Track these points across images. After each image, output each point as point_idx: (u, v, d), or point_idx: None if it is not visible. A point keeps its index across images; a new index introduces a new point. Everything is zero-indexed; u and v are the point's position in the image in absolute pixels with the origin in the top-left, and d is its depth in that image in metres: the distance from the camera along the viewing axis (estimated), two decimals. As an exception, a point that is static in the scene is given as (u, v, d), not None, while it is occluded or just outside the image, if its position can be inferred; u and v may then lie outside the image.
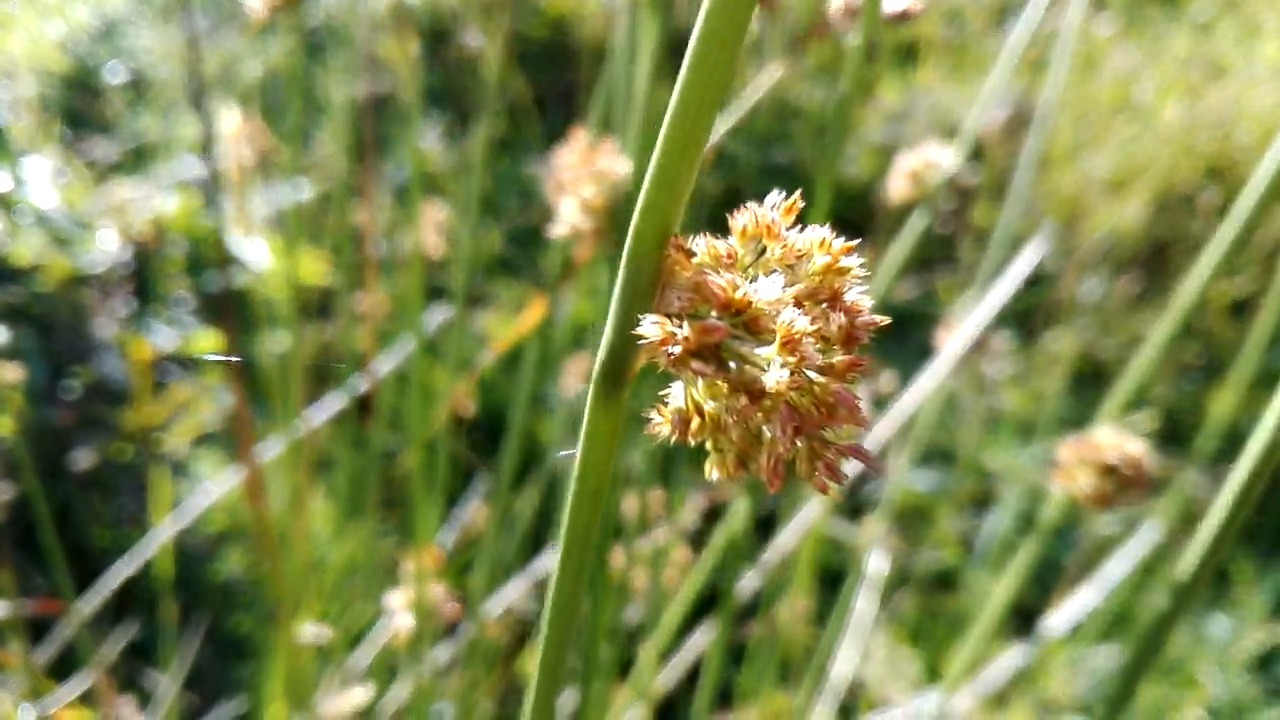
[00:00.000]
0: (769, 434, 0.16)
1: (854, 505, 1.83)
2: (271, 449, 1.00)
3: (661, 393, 0.17)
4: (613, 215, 0.44)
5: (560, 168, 0.46)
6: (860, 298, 0.16)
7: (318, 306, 1.71)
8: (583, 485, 0.18)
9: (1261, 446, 0.36)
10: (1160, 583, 1.67)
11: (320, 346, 1.73)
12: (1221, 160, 2.13)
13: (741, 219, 0.17)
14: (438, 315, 1.22)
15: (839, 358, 0.16)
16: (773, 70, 0.64)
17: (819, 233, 0.16)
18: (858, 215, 2.21)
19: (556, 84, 2.24)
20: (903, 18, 0.46)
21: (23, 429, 1.36)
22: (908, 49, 2.59)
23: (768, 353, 0.15)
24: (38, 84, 2.30)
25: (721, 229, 0.48)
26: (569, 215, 0.43)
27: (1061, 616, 0.81)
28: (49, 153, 1.86)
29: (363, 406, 0.92)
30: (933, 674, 1.60)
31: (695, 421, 0.16)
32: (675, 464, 1.15)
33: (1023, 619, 1.54)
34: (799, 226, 0.17)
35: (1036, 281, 2.14)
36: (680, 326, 0.15)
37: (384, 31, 2.20)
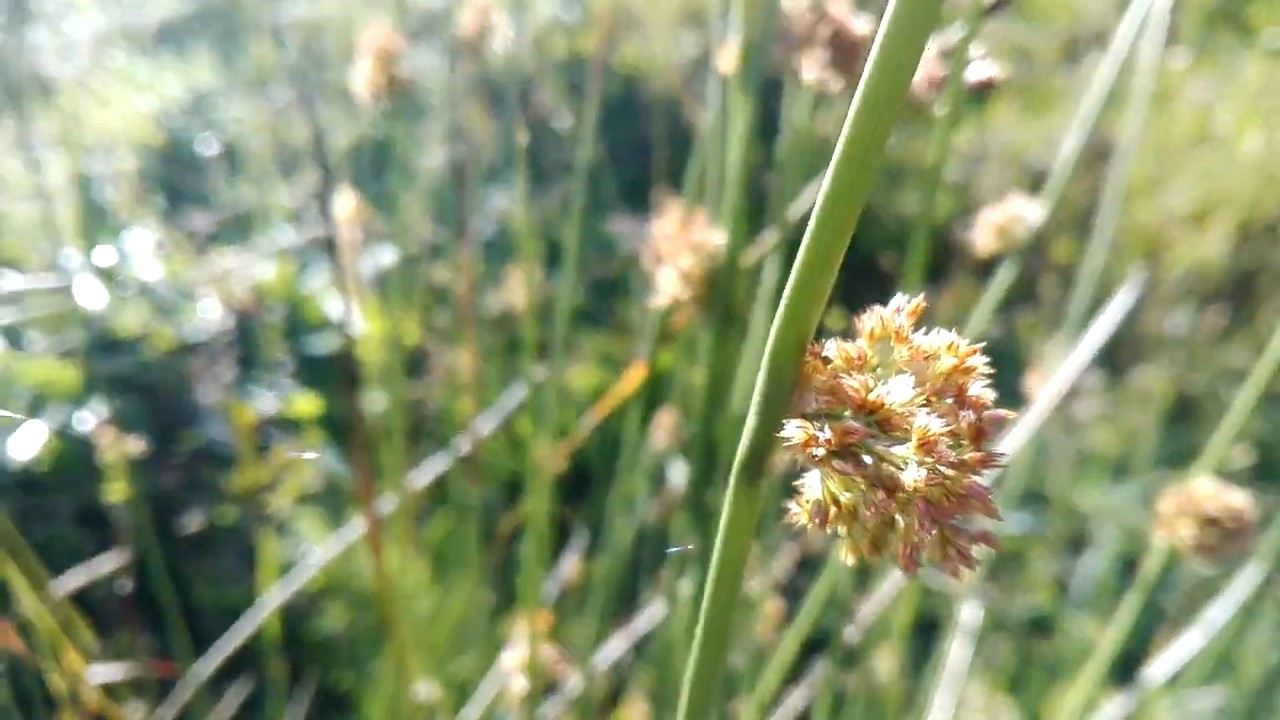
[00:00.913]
0: (903, 523, 0.17)
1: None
2: (381, 507, 1.03)
3: (795, 484, 0.18)
4: (710, 285, 0.45)
5: (657, 238, 0.48)
6: (984, 392, 0.17)
7: (409, 366, 1.75)
8: (724, 566, 0.20)
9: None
10: (1264, 623, 1.62)
11: (414, 405, 1.76)
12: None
13: (869, 322, 0.18)
14: (534, 371, 1.24)
15: (970, 454, 0.17)
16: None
17: (945, 336, 0.17)
18: (934, 255, 2.19)
19: (629, 138, 2.28)
20: (986, 87, 0.47)
21: (132, 495, 1.41)
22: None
23: (903, 451, 0.16)
24: (134, 158, 2.40)
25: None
26: (668, 284, 0.44)
27: (1164, 663, 0.79)
28: (148, 225, 1.94)
29: (465, 464, 0.94)
30: (1031, 721, 1.57)
31: (832, 511, 0.17)
32: (764, 515, 1.15)
33: (1122, 663, 1.50)
34: (923, 328, 0.18)
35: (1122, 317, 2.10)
36: (822, 429, 0.17)
37: (466, 98, 2.25)
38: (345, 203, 0.93)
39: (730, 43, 0.42)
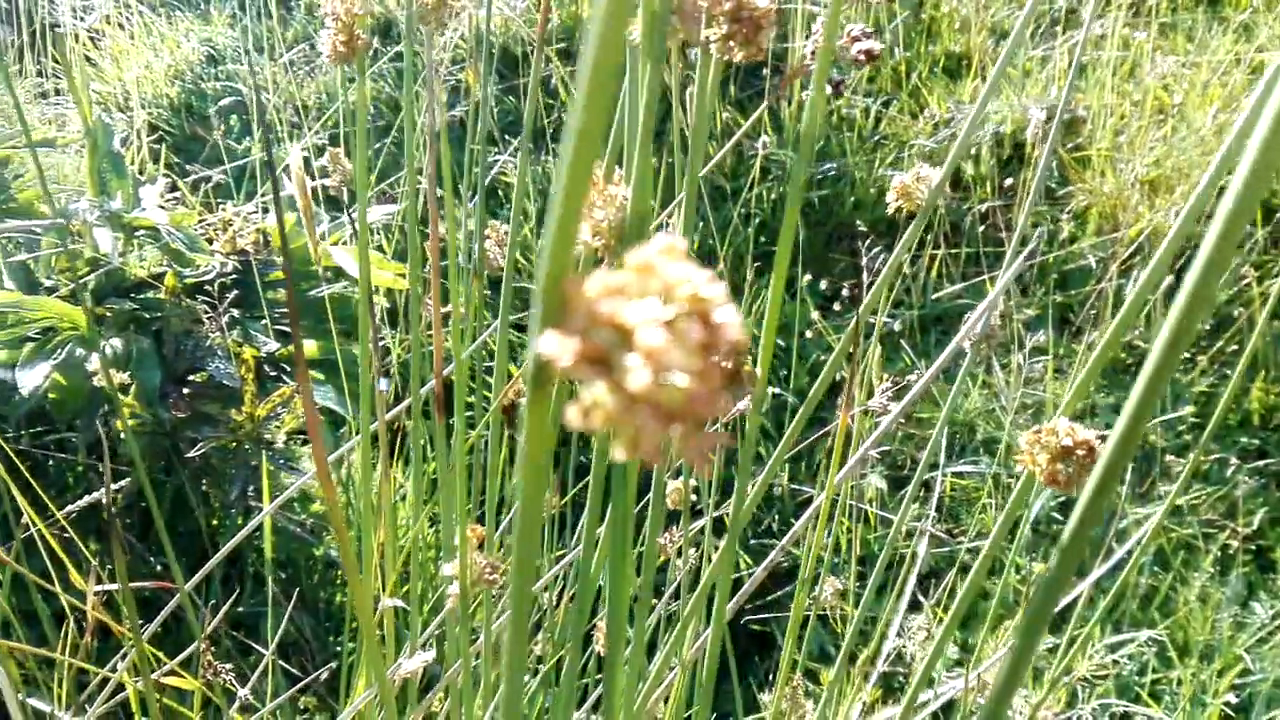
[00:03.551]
0: (639, 424, 0.20)
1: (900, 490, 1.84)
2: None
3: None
4: (618, 235, 0.48)
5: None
6: (727, 318, 0.20)
7: (403, 313, 1.78)
8: (528, 458, 0.23)
9: None
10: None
11: (405, 349, 1.79)
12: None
13: (633, 258, 0.21)
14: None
15: (699, 363, 0.19)
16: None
17: (688, 269, 0.20)
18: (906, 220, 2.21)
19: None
20: (868, 58, 0.49)
21: (141, 427, 1.45)
22: (958, 60, 2.58)
23: (635, 362, 0.19)
24: (149, 111, 2.41)
25: (771, 238, 0.52)
26: (584, 234, 0.47)
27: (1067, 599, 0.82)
28: (161, 174, 1.96)
29: (435, 398, 0.97)
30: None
31: (598, 414, 0.20)
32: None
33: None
34: (692, 261, 0.20)
35: (1081, 279, 2.12)
36: (570, 342, 0.19)
37: (465, 62, 2.26)
38: (340, 160, 0.95)
39: (638, 14, 0.44)
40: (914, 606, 1.70)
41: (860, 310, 0.58)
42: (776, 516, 1.82)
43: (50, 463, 1.54)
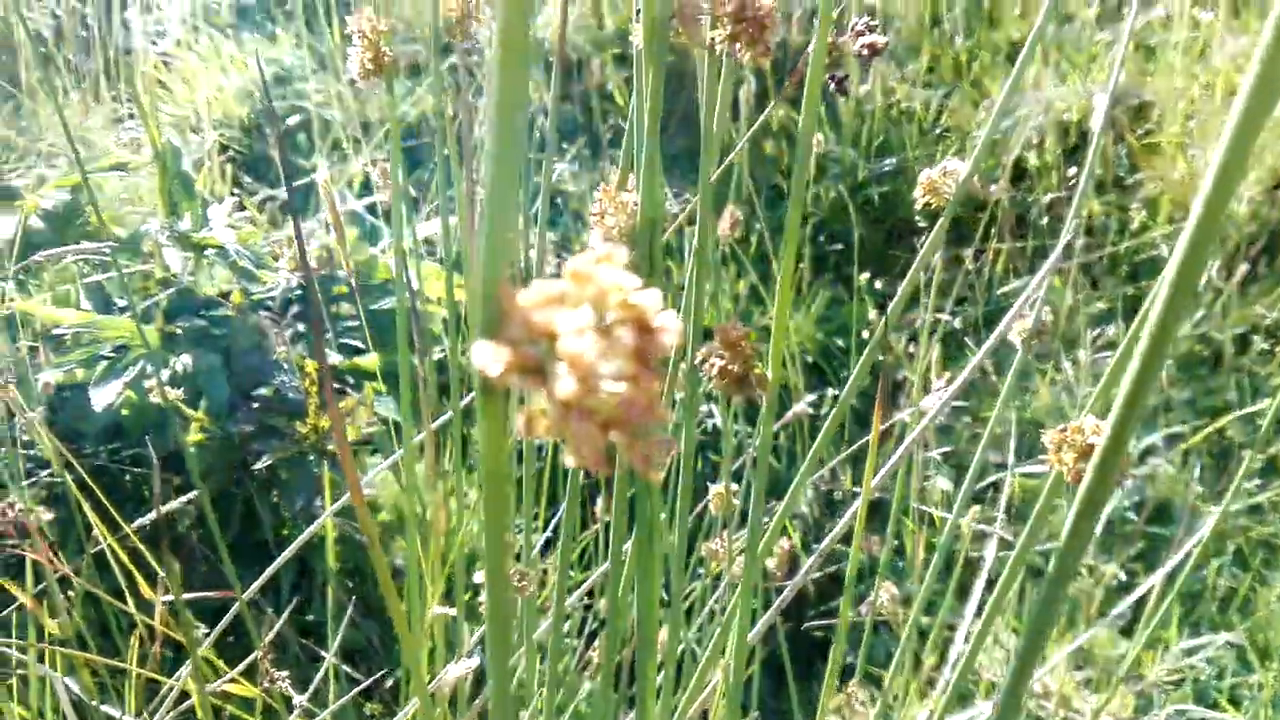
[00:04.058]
0: (575, 431, 0.20)
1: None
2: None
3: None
4: (629, 239, 0.48)
5: (599, 199, 0.50)
6: (662, 323, 0.20)
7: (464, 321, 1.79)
8: (485, 466, 0.23)
9: None
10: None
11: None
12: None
13: (569, 266, 0.20)
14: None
15: (631, 370, 0.19)
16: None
17: (617, 275, 0.20)
18: (968, 212, 2.17)
19: (676, 105, 2.28)
20: (872, 52, 0.48)
21: (209, 441, 1.49)
22: (1016, 47, 2.53)
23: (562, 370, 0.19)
24: (218, 131, 2.48)
25: (829, 237, 0.51)
26: (596, 239, 0.47)
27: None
28: (228, 194, 2.01)
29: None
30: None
31: (541, 423, 0.20)
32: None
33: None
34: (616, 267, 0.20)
35: (1153, 270, 2.06)
36: (502, 351, 0.19)
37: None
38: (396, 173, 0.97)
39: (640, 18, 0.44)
40: (981, 612, 1.67)
41: (890, 307, 0.57)
42: (839, 521, 1.79)
43: (126, 477, 1.59)
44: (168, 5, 2.82)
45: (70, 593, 1.09)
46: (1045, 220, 2.16)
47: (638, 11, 0.43)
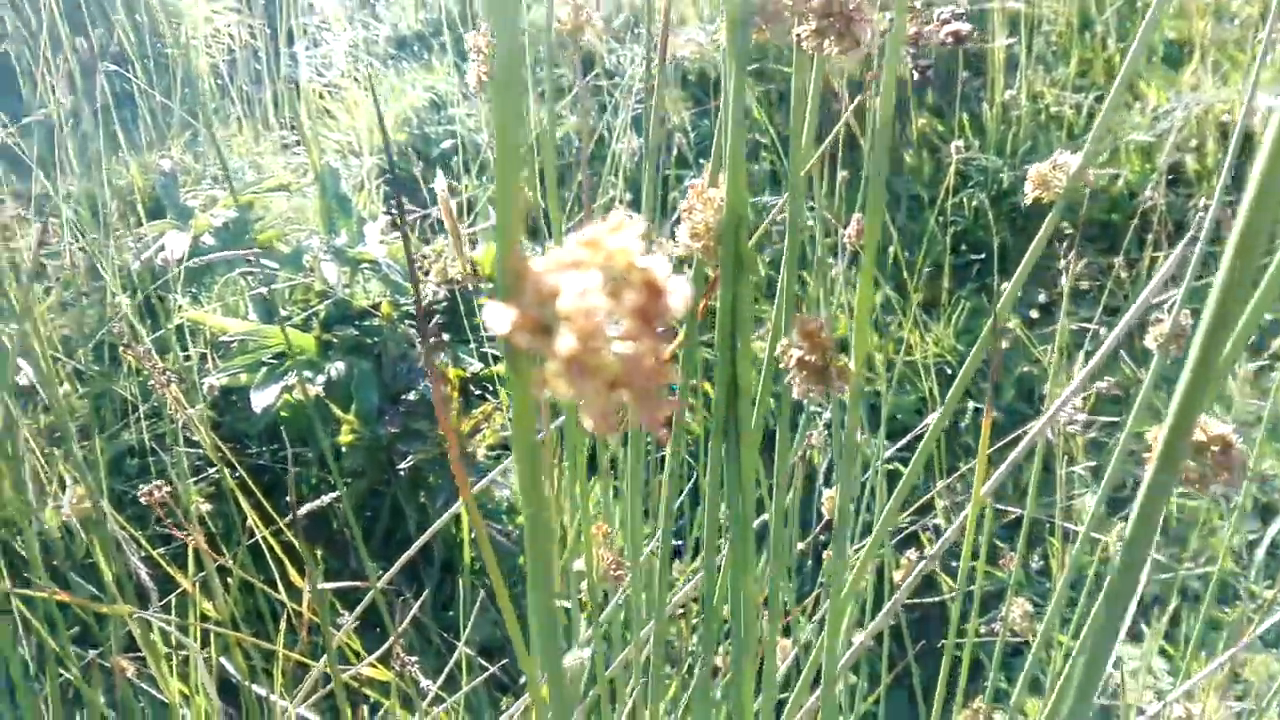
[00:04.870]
0: (579, 388, 0.20)
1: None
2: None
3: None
4: (716, 236, 0.48)
5: (687, 199, 0.51)
6: (671, 286, 0.21)
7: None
8: (516, 429, 0.24)
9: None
10: None
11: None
12: None
13: (579, 234, 0.22)
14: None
15: (635, 329, 0.20)
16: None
17: (624, 239, 0.21)
18: (1121, 218, 2.08)
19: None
20: (956, 39, 0.47)
21: (359, 442, 1.56)
22: (1179, 48, 2.41)
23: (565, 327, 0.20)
24: (374, 155, 2.59)
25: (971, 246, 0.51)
26: (683, 236, 0.48)
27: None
28: (382, 213, 2.10)
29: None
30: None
31: (552, 383, 0.21)
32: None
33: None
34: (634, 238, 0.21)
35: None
36: (512, 311, 0.20)
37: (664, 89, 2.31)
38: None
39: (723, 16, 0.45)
40: (1135, 637, 1.59)
41: (995, 314, 0.56)
42: (980, 539, 1.74)
43: (286, 475, 1.68)
44: (333, 39, 2.98)
45: (229, 579, 1.16)
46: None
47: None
